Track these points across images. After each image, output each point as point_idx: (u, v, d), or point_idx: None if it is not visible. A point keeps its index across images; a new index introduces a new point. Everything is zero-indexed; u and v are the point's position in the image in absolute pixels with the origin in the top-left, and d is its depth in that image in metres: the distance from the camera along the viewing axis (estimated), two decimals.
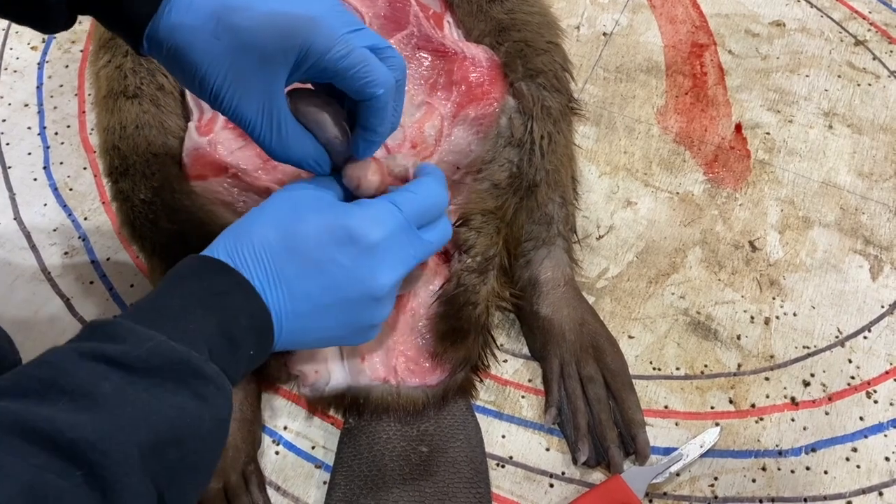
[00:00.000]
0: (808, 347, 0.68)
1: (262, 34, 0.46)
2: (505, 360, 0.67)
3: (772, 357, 0.67)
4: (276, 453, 0.63)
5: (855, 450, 0.63)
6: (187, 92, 0.69)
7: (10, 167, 0.77)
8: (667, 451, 0.62)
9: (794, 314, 0.69)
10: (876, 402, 0.65)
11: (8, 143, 0.79)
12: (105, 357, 0.40)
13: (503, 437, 0.64)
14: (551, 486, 0.61)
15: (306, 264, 0.48)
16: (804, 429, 0.64)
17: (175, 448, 0.40)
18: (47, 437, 0.36)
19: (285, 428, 0.64)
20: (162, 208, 0.60)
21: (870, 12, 0.89)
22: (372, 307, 0.51)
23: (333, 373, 0.62)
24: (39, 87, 0.83)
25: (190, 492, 0.42)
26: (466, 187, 0.66)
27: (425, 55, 0.69)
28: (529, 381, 0.66)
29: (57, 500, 0.35)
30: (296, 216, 0.49)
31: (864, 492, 0.61)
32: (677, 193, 0.76)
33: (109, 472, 0.37)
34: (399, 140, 0.66)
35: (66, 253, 0.72)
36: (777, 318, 0.69)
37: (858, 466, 0.62)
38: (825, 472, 0.62)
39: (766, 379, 0.66)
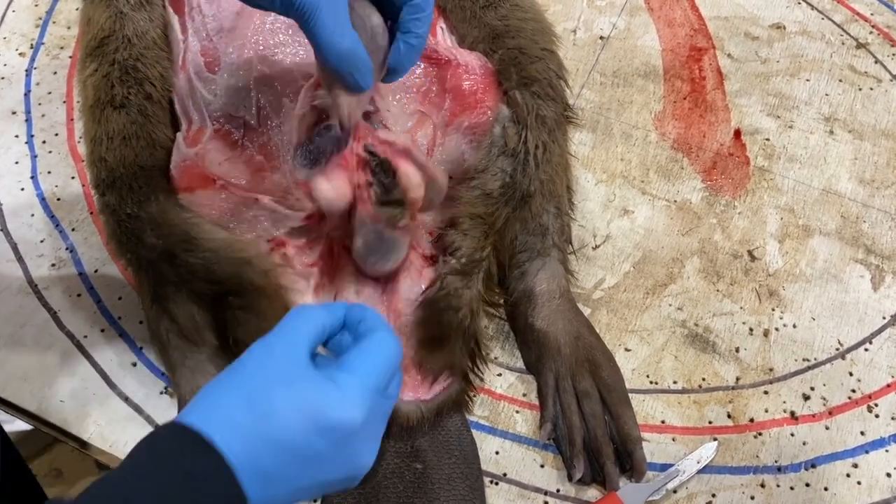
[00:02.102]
0: (807, 360, 0.67)
1: None
2: (499, 374, 0.66)
3: (771, 370, 0.66)
4: None
5: (856, 465, 0.62)
6: (176, 101, 0.68)
7: None
8: (663, 468, 0.61)
9: (794, 326, 0.68)
10: (877, 416, 0.64)
11: None
12: None
13: (497, 453, 0.62)
14: (546, 503, 0.60)
15: (283, 449, 0.43)
16: (804, 444, 0.63)
17: None
18: None
19: None
20: (148, 223, 0.59)
21: (871, 14, 0.88)
22: (353, 482, 0.47)
23: None
24: (27, 94, 0.82)
25: None
26: (456, 193, 0.65)
27: (418, 62, 0.68)
28: (524, 395, 0.65)
29: None
30: (269, 391, 0.43)
31: None
32: (675, 201, 0.75)
33: None
34: None
35: (53, 265, 0.71)
36: (776, 329, 0.68)
37: (859, 482, 0.61)
38: (825, 489, 0.61)
39: (765, 393, 0.65)
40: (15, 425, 0.95)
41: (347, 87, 0.52)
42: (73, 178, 0.76)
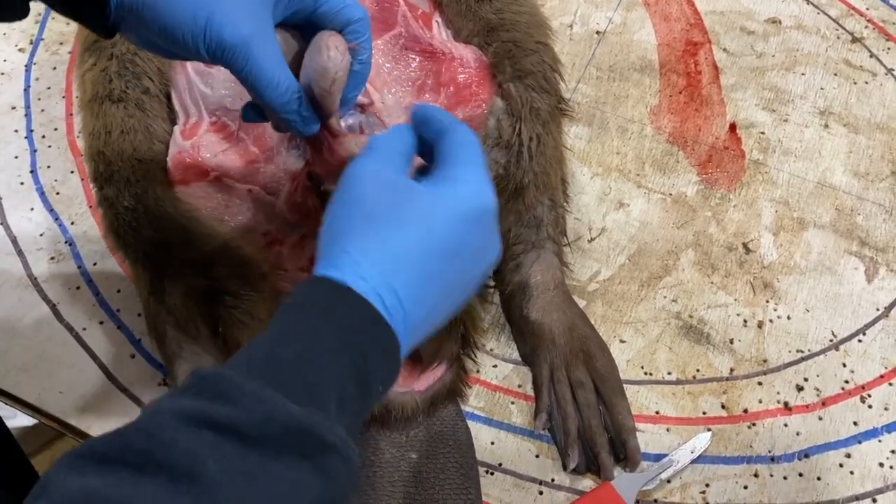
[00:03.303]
0: (801, 351, 0.67)
1: None
2: (495, 366, 0.66)
3: (765, 361, 0.66)
4: None
5: (849, 455, 0.62)
6: (173, 95, 0.68)
7: None
8: (657, 458, 0.62)
9: (788, 317, 0.68)
10: (870, 406, 0.64)
11: None
12: (212, 422, 0.34)
13: (492, 443, 0.63)
14: (540, 493, 0.61)
15: (445, 266, 0.42)
16: (797, 434, 0.63)
17: None
18: None
19: None
20: (144, 216, 0.60)
21: (867, 8, 0.88)
22: (485, 273, 0.47)
23: None
24: (27, 90, 0.82)
25: None
26: None
27: (413, 56, 0.68)
28: (519, 386, 0.65)
29: None
30: (416, 201, 0.42)
31: (857, 498, 0.60)
32: (670, 195, 0.75)
33: None
34: None
35: (52, 258, 0.72)
36: (770, 321, 0.68)
37: (852, 472, 0.61)
38: (818, 479, 0.61)
39: (759, 383, 0.65)
40: (17, 421, 0.96)
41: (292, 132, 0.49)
42: (72, 172, 0.77)
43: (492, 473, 0.62)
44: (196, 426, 0.34)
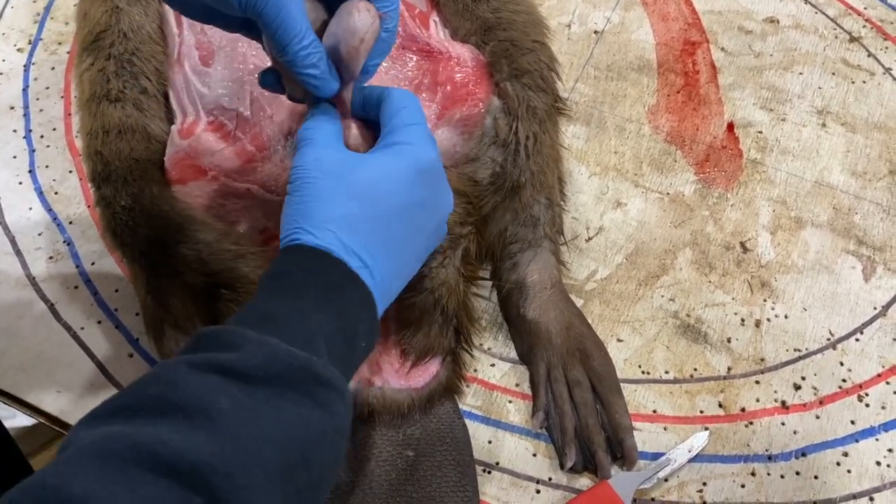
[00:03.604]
0: (799, 350, 0.67)
1: None
2: (492, 365, 0.66)
3: (762, 360, 0.66)
4: None
5: (846, 454, 0.62)
6: (171, 95, 0.68)
7: None
8: (655, 456, 0.62)
9: (786, 316, 0.68)
10: (867, 405, 0.64)
11: None
12: (219, 367, 0.37)
13: (489, 442, 0.63)
14: (538, 492, 0.61)
15: (395, 222, 0.46)
16: (794, 433, 0.63)
17: (301, 467, 0.37)
18: (163, 461, 0.33)
19: None
20: (141, 214, 0.60)
21: (865, 8, 0.88)
22: (443, 224, 0.51)
23: None
24: (25, 90, 0.82)
25: None
26: None
27: (410, 55, 0.68)
28: (517, 385, 0.65)
29: None
30: (358, 171, 0.46)
31: (854, 497, 0.60)
32: (668, 194, 0.75)
33: (233, 499, 0.33)
34: None
35: (50, 258, 0.72)
36: (768, 320, 0.68)
37: (849, 471, 0.61)
38: (815, 477, 0.61)
39: (757, 382, 0.65)
40: (16, 421, 0.96)
41: (310, 94, 0.50)
42: (70, 171, 0.77)
43: (489, 472, 0.62)
44: (204, 371, 0.37)
